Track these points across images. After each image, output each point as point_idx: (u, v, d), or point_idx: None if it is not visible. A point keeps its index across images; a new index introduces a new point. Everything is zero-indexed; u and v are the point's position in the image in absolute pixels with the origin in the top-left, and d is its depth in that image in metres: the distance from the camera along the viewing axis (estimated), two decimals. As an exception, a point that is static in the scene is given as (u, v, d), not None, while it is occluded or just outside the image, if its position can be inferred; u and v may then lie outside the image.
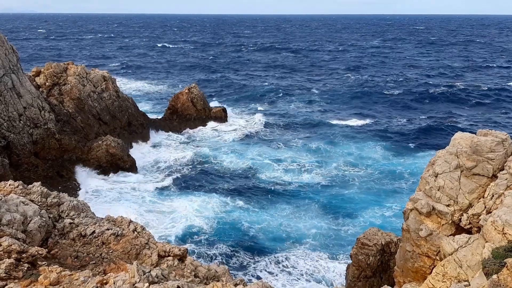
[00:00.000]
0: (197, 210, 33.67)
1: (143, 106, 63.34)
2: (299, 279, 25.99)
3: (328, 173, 42.04)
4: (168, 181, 39.73)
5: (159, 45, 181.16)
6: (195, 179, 40.61)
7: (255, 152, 48.01)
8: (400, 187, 38.29)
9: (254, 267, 27.12)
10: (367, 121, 61.30)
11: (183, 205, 34.44)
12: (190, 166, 43.64)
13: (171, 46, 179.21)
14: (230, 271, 25.00)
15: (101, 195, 36.02)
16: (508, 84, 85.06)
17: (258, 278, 25.84)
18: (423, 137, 53.03)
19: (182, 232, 30.16)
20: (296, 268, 27.04)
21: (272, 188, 38.64)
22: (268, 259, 27.86)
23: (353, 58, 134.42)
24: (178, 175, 41.24)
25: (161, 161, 44.68)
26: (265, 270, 26.74)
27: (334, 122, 60.71)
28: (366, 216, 33.43)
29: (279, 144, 50.88)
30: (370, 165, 43.79)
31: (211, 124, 57.09)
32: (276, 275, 26.32)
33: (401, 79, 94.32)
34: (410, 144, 50.44)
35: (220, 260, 27.39)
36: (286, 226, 31.82)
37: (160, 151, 47.61)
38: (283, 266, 27.23)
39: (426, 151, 47.28)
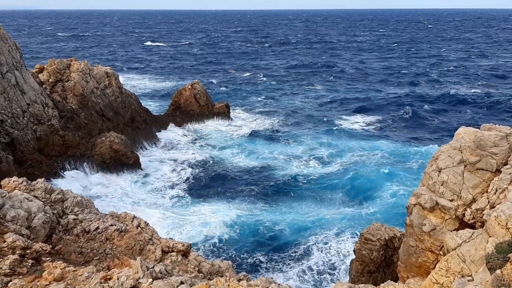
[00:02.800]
0: (213, 212, 32.83)
1: (146, 103, 63.37)
2: (322, 274, 26.14)
3: (345, 162, 42.69)
4: (179, 182, 38.97)
5: (159, 42, 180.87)
6: (207, 179, 39.64)
7: (265, 148, 47.92)
8: (412, 169, 40.14)
9: (271, 266, 26.91)
10: (374, 115, 61.20)
11: (198, 208, 33.71)
12: (201, 166, 42.83)
13: (173, 43, 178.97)
14: (253, 272, 25.37)
15: (110, 201, 34.83)
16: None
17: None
18: (431, 132, 53.30)
19: (199, 237, 29.37)
20: (320, 263, 27.12)
21: (291, 182, 38.63)
22: (291, 256, 27.64)
23: (357, 53, 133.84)
24: (188, 175, 40.43)
25: (169, 161, 44.10)
26: (280, 270, 26.50)
27: (341, 116, 60.69)
28: (388, 198, 34.59)
29: (288, 139, 50.89)
30: (383, 150, 45.23)
31: (215, 120, 57.04)
32: (303, 273, 26.18)
33: (407, 72, 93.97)
34: (419, 136, 51.21)
35: (243, 261, 27.10)
36: (310, 219, 31.81)
37: (167, 151, 47.11)
38: (308, 263, 27.09)
39: (433, 144, 47.72)
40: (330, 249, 28.27)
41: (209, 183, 38.87)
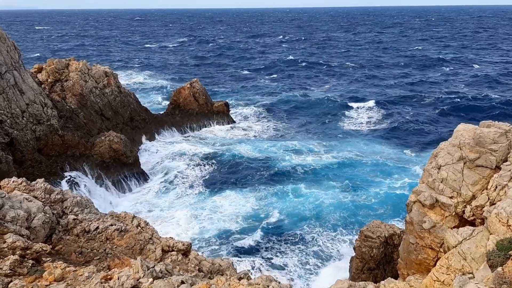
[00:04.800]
0: (229, 204, 33.94)
1: (145, 102, 63.32)
2: (319, 260, 26.73)
3: (343, 155, 43.82)
4: (186, 181, 39.62)
5: (158, 41, 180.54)
6: (214, 175, 40.58)
7: (266, 144, 48.48)
8: (408, 165, 41.09)
9: (276, 254, 27.72)
10: (374, 114, 61.20)
11: (212, 203, 34.63)
12: (203, 164, 43.36)
13: (172, 42, 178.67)
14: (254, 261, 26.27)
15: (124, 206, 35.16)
16: None
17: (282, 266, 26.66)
18: (431, 130, 53.54)
19: (214, 232, 30.14)
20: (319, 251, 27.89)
21: (292, 174, 39.81)
22: (292, 252, 28.31)
23: (358, 53, 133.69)
24: (194, 173, 41.19)
25: (171, 160, 44.24)
26: (282, 266, 27.00)
27: (341, 114, 60.81)
28: (387, 195, 35.31)
29: (288, 135, 51.52)
30: (383, 148, 46.30)
31: (214, 118, 57.00)
32: (305, 263, 26.85)
33: (408, 72, 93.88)
34: (419, 134, 51.69)
35: (255, 251, 27.89)
36: (311, 214, 32.62)
37: (167, 150, 47.10)
38: (307, 250, 27.98)
39: (433, 142, 47.94)
40: (329, 244, 28.82)
41: (217, 178, 39.86)
